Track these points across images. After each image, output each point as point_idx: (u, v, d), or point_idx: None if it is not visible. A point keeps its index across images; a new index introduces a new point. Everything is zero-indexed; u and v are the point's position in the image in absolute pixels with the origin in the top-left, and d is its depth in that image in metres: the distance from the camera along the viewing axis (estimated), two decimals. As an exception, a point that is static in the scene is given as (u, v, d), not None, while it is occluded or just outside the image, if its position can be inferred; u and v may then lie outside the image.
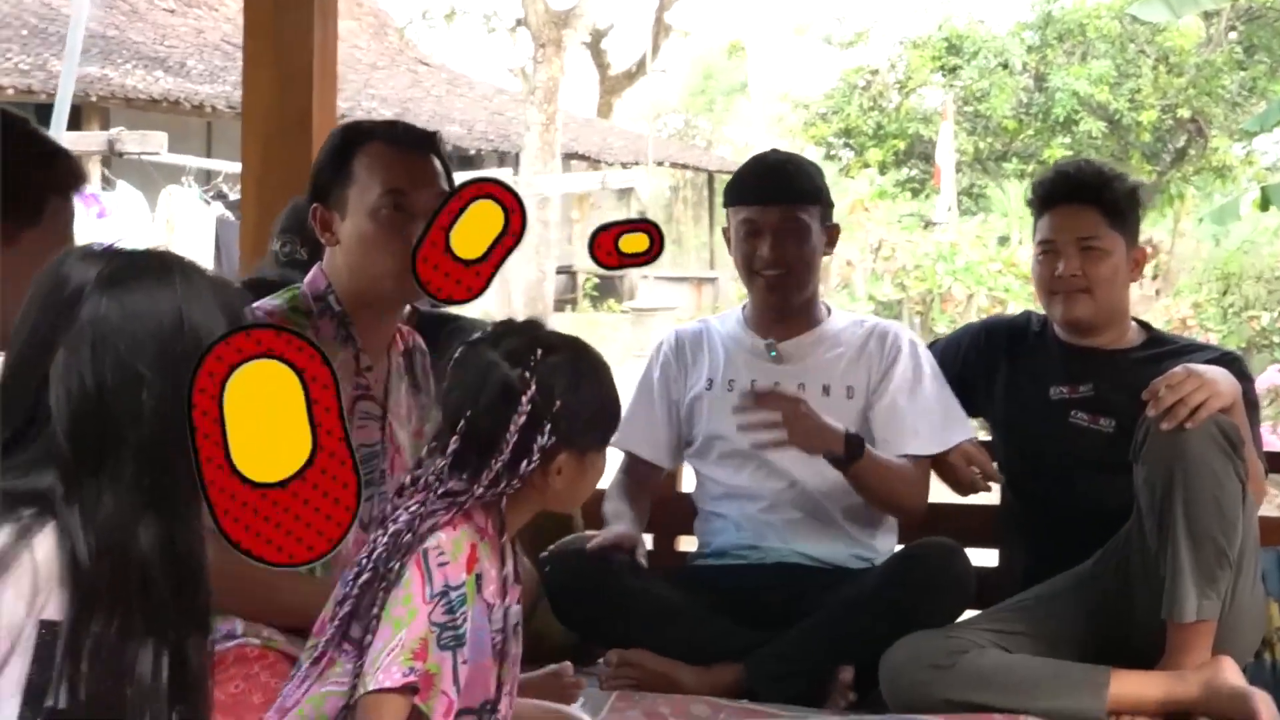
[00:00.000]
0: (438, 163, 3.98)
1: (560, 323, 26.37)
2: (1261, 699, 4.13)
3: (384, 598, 2.90)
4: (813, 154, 34.69)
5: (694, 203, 38.70)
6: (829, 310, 5.09)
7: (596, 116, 38.08)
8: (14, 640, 2.26)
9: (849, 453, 4.64)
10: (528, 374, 3.04)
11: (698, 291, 29.97)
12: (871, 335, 4.98)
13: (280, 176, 5.06)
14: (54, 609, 2.28)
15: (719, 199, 20.51)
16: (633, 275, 30.77)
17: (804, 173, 4.98)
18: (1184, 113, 31.58)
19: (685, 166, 37.56)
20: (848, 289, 15.95)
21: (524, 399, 3.02)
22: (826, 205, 4.98)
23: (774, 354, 4.94)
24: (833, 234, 5.01)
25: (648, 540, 5.14)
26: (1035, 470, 4.88)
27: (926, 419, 4.88)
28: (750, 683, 4.51)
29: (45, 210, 3.28)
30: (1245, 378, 4.58)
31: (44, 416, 2.32)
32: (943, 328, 15.39)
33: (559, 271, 28.63)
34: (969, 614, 4.70)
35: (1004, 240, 22.22)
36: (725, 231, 5.04)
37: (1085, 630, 4.46)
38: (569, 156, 32.16)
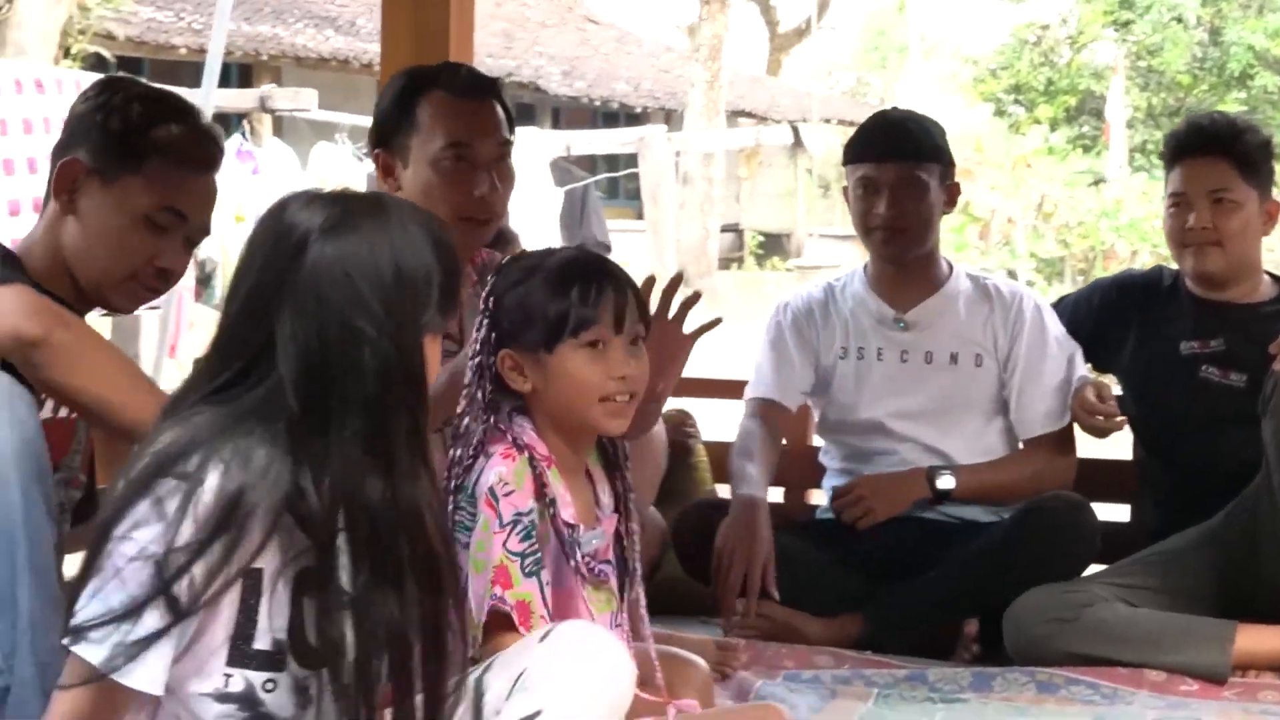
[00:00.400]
0: (499, 109, 4.03)
1: (724, 280, 26.48)
2: None
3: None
4: (982, 111, 34.45)
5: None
6: (950, 267, 5.06)
7: (765, 74, 37.99)
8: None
9: (937, 491, 4.76)
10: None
11: (864, 249, 29.78)
12: (998, 298, 4.96)
13: None
14: (267, 558, 2.37)
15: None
16: (798, 233, 30.71)
17: (923, 130, 4.95)
18: (1363, 68, 30.92)
19: (853, 124, 37.34)
20: (1009, 246, 15.80)
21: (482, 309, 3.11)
22: (946, 163, 4.94)
23: (901, 325, 4.95)
24: (953, 192, 4.98)
25: (777, 493, 5.20)
26: (1166, 425, 4.86)
27: (1057, 393, 4.87)
28: (874, 634, 4.54)
29: (146, 165, 3.35)
30: None
31: (266, 368, 2.38)
32: (1106, 285, 15.19)
33: (724, 229, 28.60)
34: (1095, 568, 4.68)
35: (1173, 197, 21.74)
36: (844, 190, 5.05)
37: (1211, 586, 4.44)
38: (735, 114, 32.13)
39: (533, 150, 12.46)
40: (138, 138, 3.35)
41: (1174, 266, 5.02)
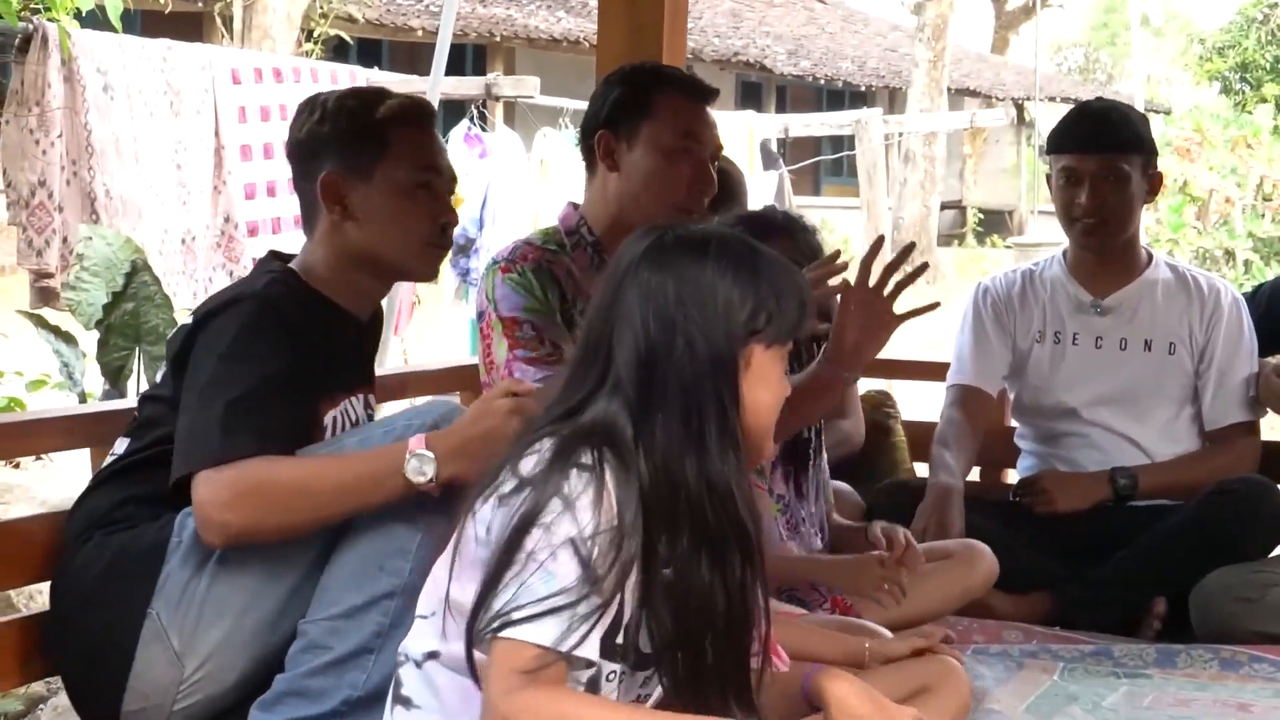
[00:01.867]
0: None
1: (945, 257, 26.31)
2: None
3: None
4: (1206, 91, 33.88)
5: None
6: (1150, 256, 5.16)
7: (990, 52, 37.71)
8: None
9: (1120, 492, 4.87)
10: None
11: (1076, 230, 29.47)
12: (1194, 290, 5.05)
13: None
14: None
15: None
16: (1021, 210, 30.48)
17: (1125, 120, 5.04)
18: None
19: (1075, 101, 36.97)
20: (1226, 225, 15.58)
21: None
22: (1148, 153, 5.02)
23: (1098, 310, 5.05)
24: (1155, 182, 5.05)
25: (975, 472, 5.32)
26: (1356, 409, 4.90)
27: (1247, 386, 4.98)
28: (1063, 611, 4.65)
29: (389, 146, 3.57)
30: None
31: (609, 365, 2.64)
32: (1324, 266, 15.14)
33: (944, 207, 28.49)
34: None
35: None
36: (1048, 178, 5.14)
37: None
38: (960, 92, 31.98)
39: (752, 132, 12.62)
40: (371, 128, 3.56)
41: None
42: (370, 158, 3.54)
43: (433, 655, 2.68)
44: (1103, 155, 4.93)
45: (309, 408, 3.44)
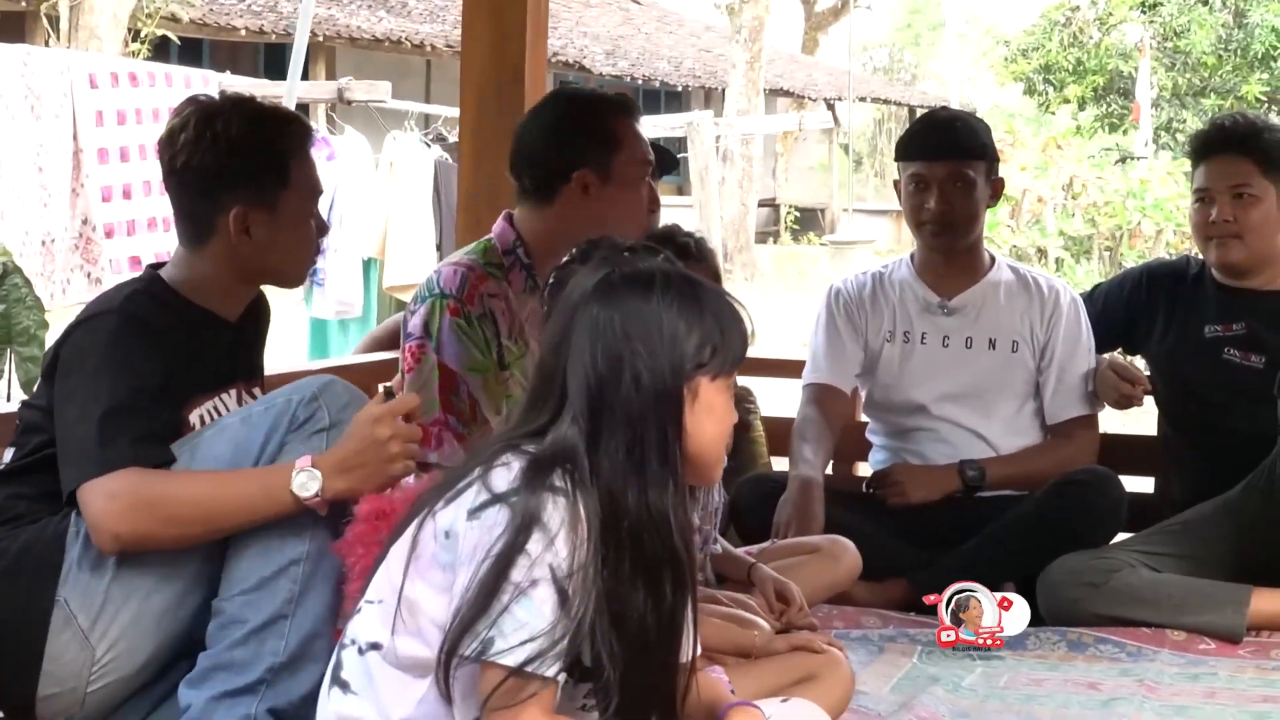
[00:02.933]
0: None
1: (763, 254, 26.35)
2: None
3: None
4: (1013, 91, 34.39)
5: (898, 136, 38.53)
6: (993, 259, 5.38)
7: (801, 53, 38.04)
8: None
9: (969, 483, 5.08)
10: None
11: (897, 225, 29.92)
12: (1035, 290, 5.27)
13: (495, 125, 5.35)
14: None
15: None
16: (833, 208, 30.83)
17: (970, 130, 5.27)
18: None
19: (887, 102, 37.39)
20: (1039, 224, 15.96)
21: None
22: (992, 160, 5.27)
23: (945, 310, 5.26)
24: (997, 187, 5.28)
25: (829, 467, 5.46)
26: (1189, 403, 5.17)
27: (1086, 382, 5.22)
28: (918, 598, 4.74)
29: (290, 178, 3.67)
30: None
31: (565, 396, 2.72)
32: (1130, 262, 15.34)
33: (761, 205, 28.71)
34: (1123, 537, 4.97)
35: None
36: (896, 184, 5.34)
37: (1231, 553, 4.72)
38: (773, 93, 32.20)
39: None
40: (275, 161, 3.65)
41: (1200, 256, 5.30)
42: (275, 189, 3.64)
43: (375, 646, 2.78)
44: (949, 162, 5.14)
45: (180, 410, 3.54)
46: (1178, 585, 4.68)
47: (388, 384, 3.39)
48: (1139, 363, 5.46)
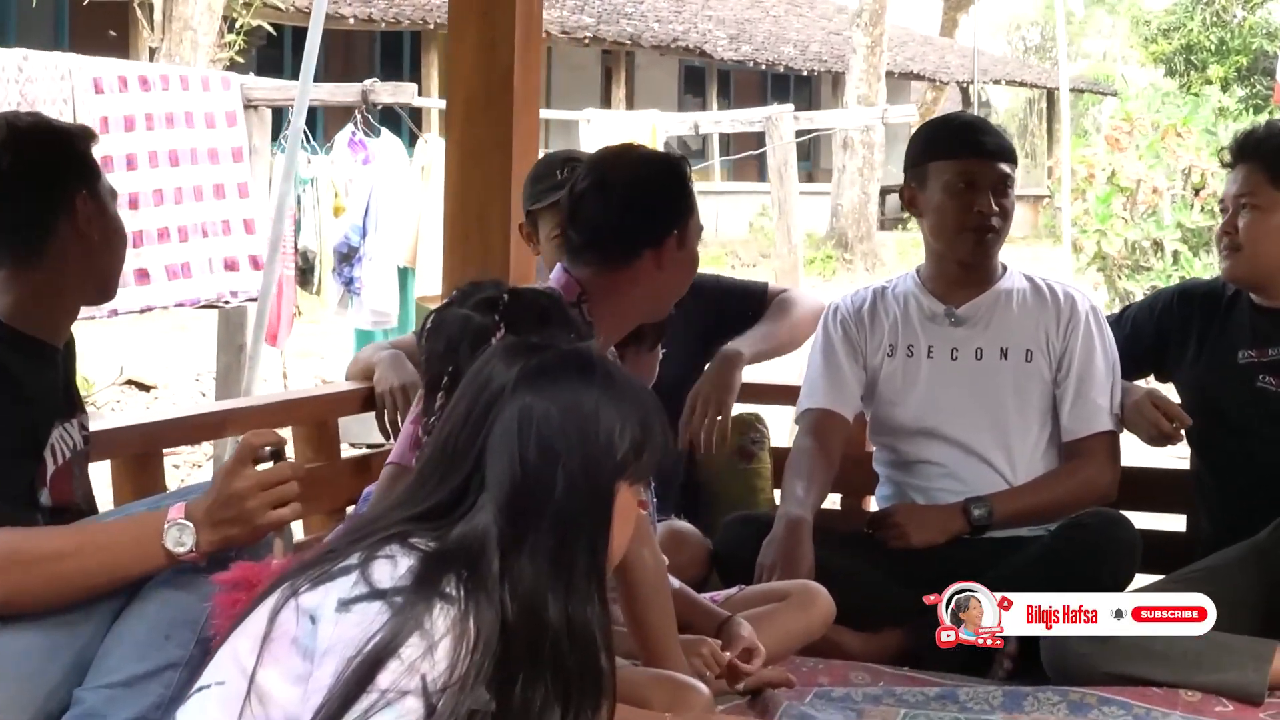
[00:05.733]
0: None
1: (887, 241, 26.50)
2: None
3: None
4: (1151, 72, 33.96)
5: (1048, 118, 38.04)
6: (1004, 267, 5.08)
7: (939, 34, 37.72)
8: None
9: (975, 523, 4.79)
10: (497, 317, 3.33)
11: (1034, 210, 29.57)
12: (1050, 298, 4.98)
13: (483, 135, 5.13)
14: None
15: (1059, 116, 20.21)
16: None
17: (1004, 133, 5.09)
18: None
19: (1022, 84, 37.02)
20: (1154, 216, 15.52)
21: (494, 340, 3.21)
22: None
23: (953, 319, 4.95)
24: None
25: (835, 500, 5.24)
26: (1221, 434, 4.84)
27: (1107, 396, 4.90)
28: (914, 650, 4.54)
29: (84, 189, 3.55)
30: None
31: (475, 489, 2.55)
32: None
33: (886, 192, 28.52)
34: (1148, 578, 4.69)
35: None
36: (905, 190, 5.05)
37: (1256, 602, 4.42)
38: (904, 76, 31.99)
39: (655, 130, 12.50)
40: (59, 186, 3.54)
41: None
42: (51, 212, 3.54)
43: None
44: (1003, 163, 4.90)
45: (34, 450, 3.42)
46: (1194, 639, 4.20)
47: (272, 445, 3.19)
48: (1169, 391, 5.07)
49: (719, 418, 4.94)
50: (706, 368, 5.06)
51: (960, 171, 4.87)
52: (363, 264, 10.50)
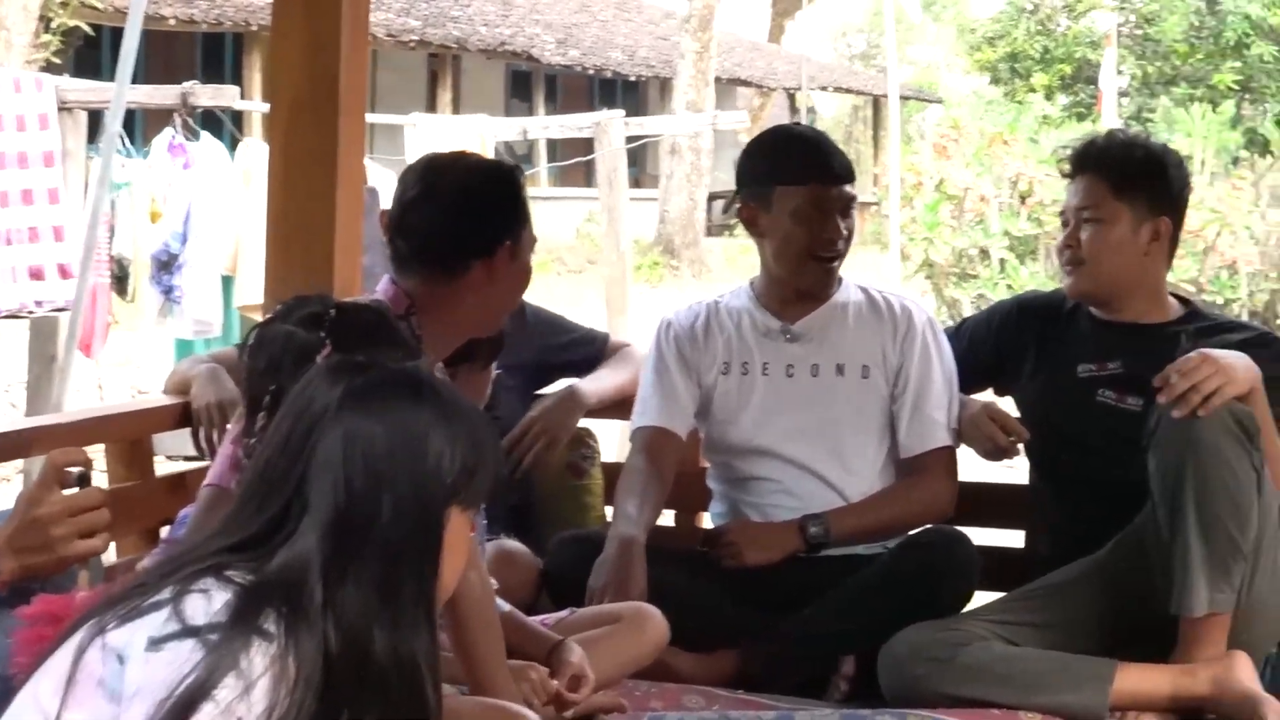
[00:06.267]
0: None
1: (714, 247, 26.61)
2: (1272, 709, 4.00)
3: None
4: (976, 80, 34.38)
5: (873, 124, 38.41)
6: (840, 279, 5.00)
7: (767, 40, 37.93)
8: None
9: (811, 541, 4.69)
10: (322, 334, 3.22)
11: (861, 217, 29.75)
12: (886, 312, 4.91)
13: (306, 140, 4.97)
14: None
15: (885, 123, 20.36)
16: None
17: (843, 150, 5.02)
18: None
19: (849, 91, 37.31)
20: (982, 224, 15.65)
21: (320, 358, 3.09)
22: None
23: (788, 335, 4.87)
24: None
25: (669, 516, 5.13)
26: (1061, 449, 4.77)
27: (944, 411, 4.83)
28: (749, 672, 4.46)
29: None
30: None
31: (295, 516, 2.41)
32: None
33: (714, 198, 28.61)
34: (987, 596, 4.64)
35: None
36: (746, 210, 4.93)
37: (1097, 620, 4.36)
38: (731, 82, 32.09)
39: (483, 138, 12.42)
40: None
41: None
42: None
43: None
44: (847, 185, 4.85)
45: None
46: (1034, 660, 4.29)
47: (80, 468, 2.99)
48: (1008, 405, 4.99)
49: (546, 450, 4.94)
50: (546, 398, 5.04)
51: (809, 199, 4.77)
52: (183, 271, 10.27)
